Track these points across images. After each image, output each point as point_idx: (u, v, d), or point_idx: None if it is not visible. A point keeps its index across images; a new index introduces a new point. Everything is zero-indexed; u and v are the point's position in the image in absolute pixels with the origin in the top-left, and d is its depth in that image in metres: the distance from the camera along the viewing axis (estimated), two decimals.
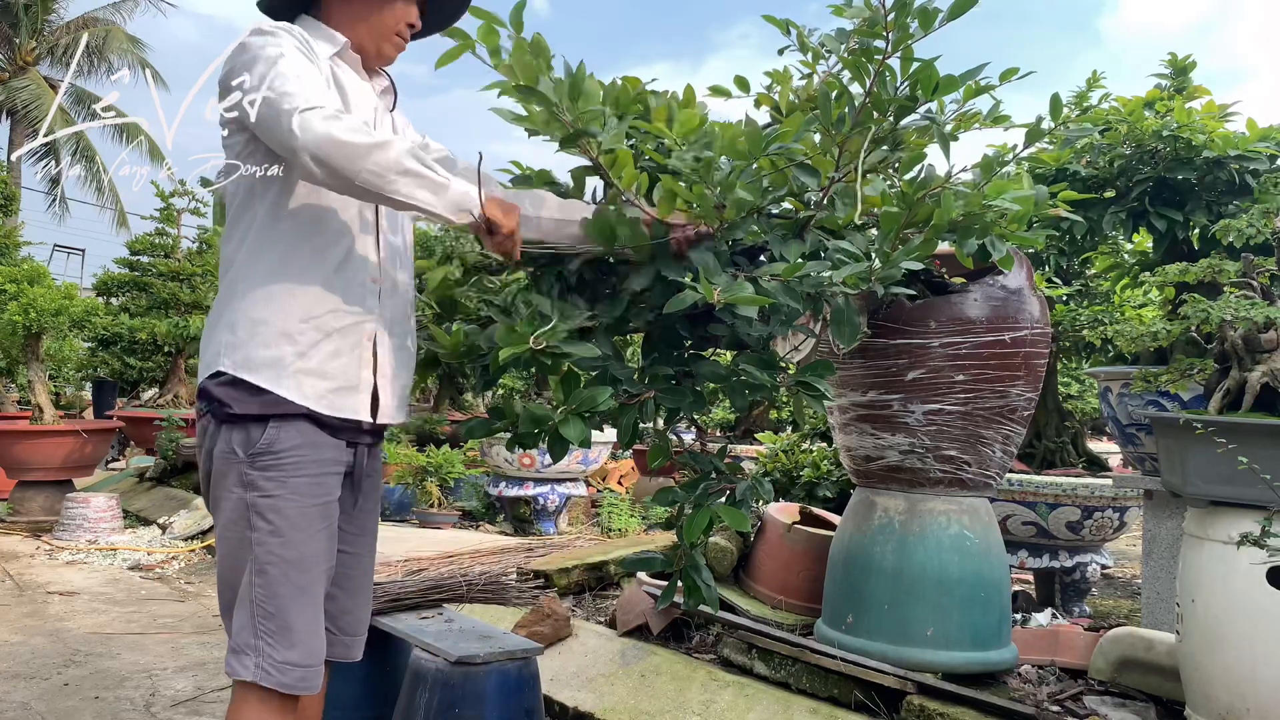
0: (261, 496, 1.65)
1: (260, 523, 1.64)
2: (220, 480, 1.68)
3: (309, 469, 1.68)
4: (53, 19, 20.74)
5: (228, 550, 1.69)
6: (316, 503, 1.69)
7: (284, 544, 1.65)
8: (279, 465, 1.65)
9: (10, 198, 9.95)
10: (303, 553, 1.67)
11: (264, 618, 1.64)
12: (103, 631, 4.17)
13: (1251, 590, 2.07)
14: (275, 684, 1.63)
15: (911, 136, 2.03)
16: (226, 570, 1.71)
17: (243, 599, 1.66)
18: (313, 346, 1.67)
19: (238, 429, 1.66)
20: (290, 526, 1.65)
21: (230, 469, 1.66)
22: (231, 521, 1.67)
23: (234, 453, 1.66)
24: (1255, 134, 3.31)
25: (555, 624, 3.18)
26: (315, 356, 1.67)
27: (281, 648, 1.64)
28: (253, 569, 1.65)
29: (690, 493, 2.00)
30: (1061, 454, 4.01)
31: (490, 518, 6.66)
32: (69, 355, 9.25)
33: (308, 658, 1.66)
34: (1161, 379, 2.53)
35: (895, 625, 2.55)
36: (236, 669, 1.65)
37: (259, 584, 1.64)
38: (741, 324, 1.83)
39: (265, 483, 1.65)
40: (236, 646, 1.66)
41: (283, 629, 1.64)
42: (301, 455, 1.67)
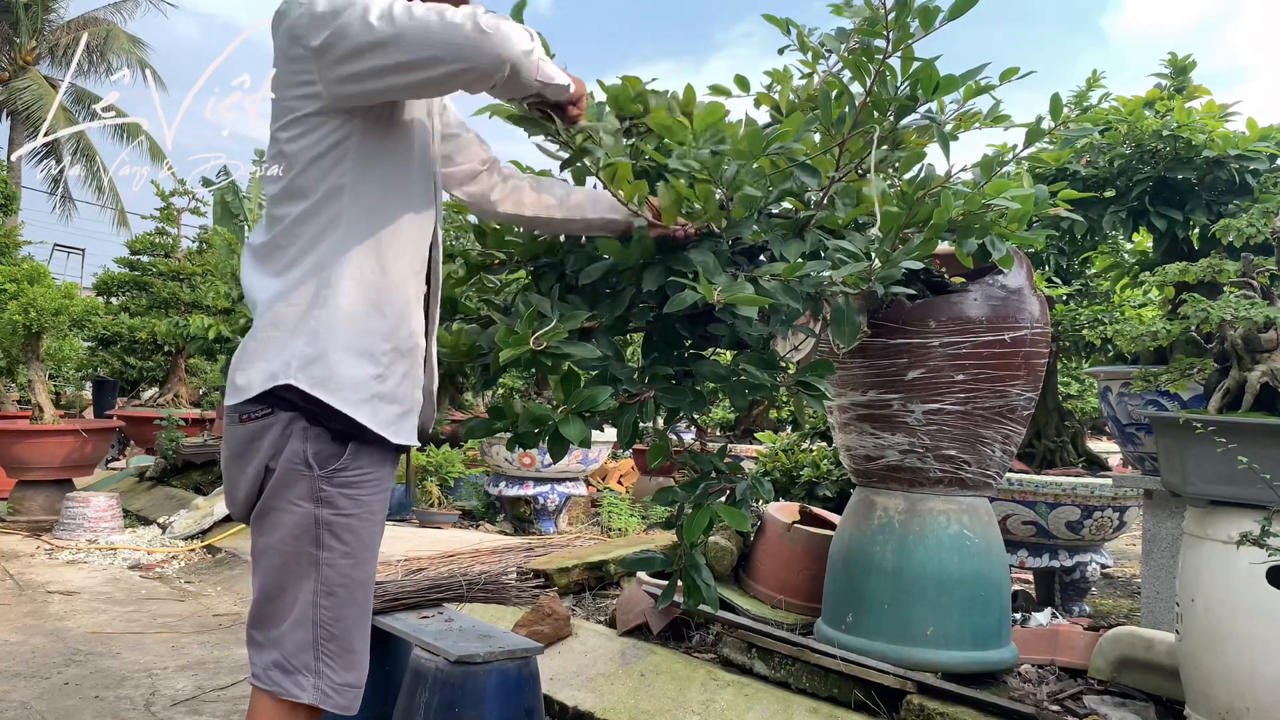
0: (338, 515, 1.57)
1: (334, 542, 1.58)
2: (284, 489, 1.57)
3: (380, 489, 1.63)
4: (53, 19, 20.75)
5: (282, 564, 1.59)
6: (380, 521, 1.65)
7: (354, 565, 1.60)
8: (358, 484, 1.59)
9: (10, 197, 9.94)
10: (368, 574, 1.64)
11: (328, 639, 1.59)
12: (103, 631, 4.17)
13: (1251, 590, 2.07)
14: (334, 706, 1.60)
15: (911, 136, 2.03)
16: (273, 584, 1.60)
17: (302, 619, 1.58)
18: (390, 368, 1.60)
19: (313, 439, 1.56)
20: (362, 547, 1.61)
21: (299, 480, 1.56)
22: (293, 536, 1.57)
23: (308, 465, 1.56)
24: (1255, 134, 3.31)
25: (555, 623, 3.19)
26: (391, 379, 1.60)
27: (342, 670, 1.60)
28: (319, 589, 1.58)
29: (690, 492, 2.00)
30: (1061, 454, 4.01)
31: (490, 517, 6.66)
32: (69, 355, 9.24)
33: (361, 679, 1.64)
34: (1161, 379, 2.53)
35: (895, 625, 2.55)
36: (290, 690, 1.58)
37: (325, 605, 1.58)
38: (741, 324, 1.83)
39: (343, 501, 1.57)
40: (290, 666, 1.58)
41: (345, 651, 1.61)
42: (377, 475, 1.62)
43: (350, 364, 1.55)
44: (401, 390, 1.63)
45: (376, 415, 1.58)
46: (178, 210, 10.53)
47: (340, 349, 1.55)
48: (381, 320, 1.59)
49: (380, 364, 1.58)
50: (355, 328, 1.56)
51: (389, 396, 1.60)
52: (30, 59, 20.09)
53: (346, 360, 1.55)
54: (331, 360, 1.54)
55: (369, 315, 1.57)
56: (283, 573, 1.59)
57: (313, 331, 1.55)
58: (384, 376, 1.58)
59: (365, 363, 1.56)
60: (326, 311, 1.55)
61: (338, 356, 1.54)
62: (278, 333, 1.57)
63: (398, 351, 1.61)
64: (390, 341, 1.59)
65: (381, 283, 1.59)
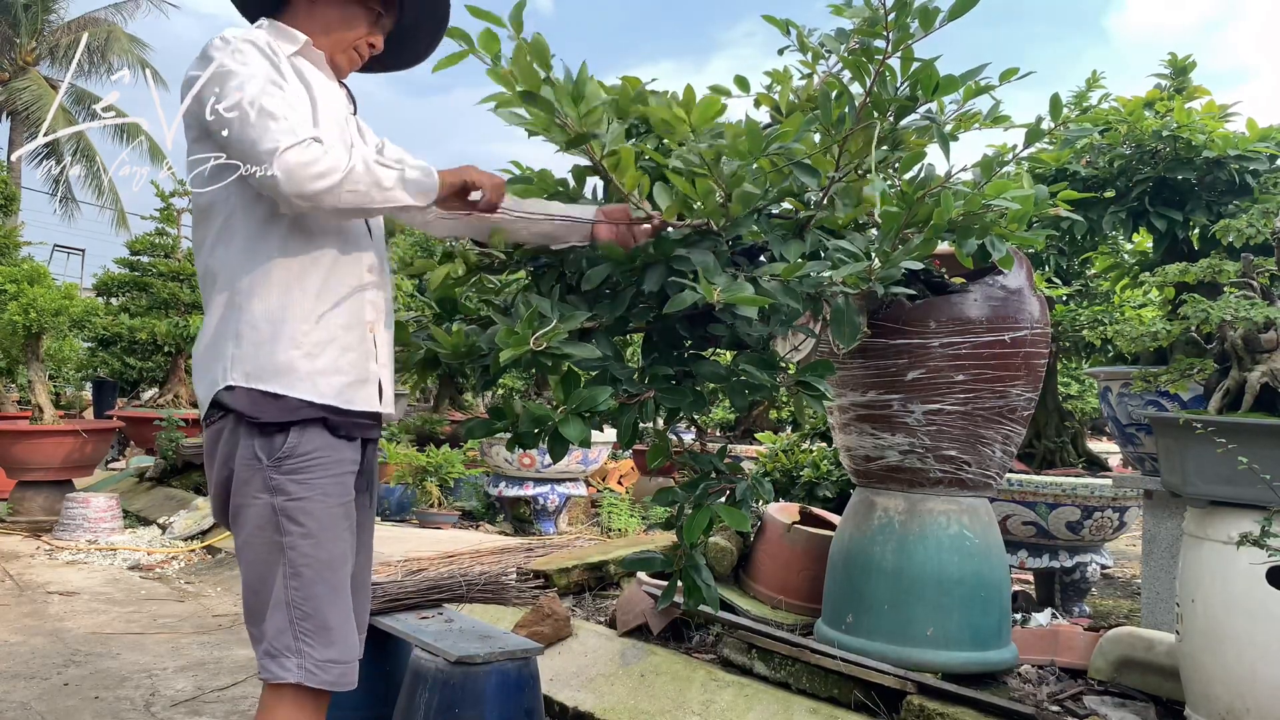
0: (290, 500, 1.66)
1: (291, 526, 1.66)
2: (243, 487, 1.68)
3: (332, 469, 1.70)
4: (53, 19, 20.75)
5: (255, 557, 1.69)
6: (340, 502, 1.71)
7: (316, 545, 1.67)
8: (305, 468, 1.67)
9: (10, 198, 9.94)
10: (333, 552, 1.69)
11: (302, 619, 1.66)
12: (103, 631, 4.17)
13: (1251, 590, 2.07)
14: (320, 683, 1.65)
15: (911, 136, 2.03)
16: (254, 577, 1.70)
17: (278, 603, 1.66)
18: (321, 347, 1.69)
19: (260, 435, 1.66)
20: (320, 527, 1.67)
21: (254, 475, 1.67)
22: (258, 528, 1.67)
23: (257, 459, 1.66)
24: (1255, 134, 3.31)
25: (555, 624, 3.18)
26: (325, 356, 1.69)
27: (321, 647, 1.66)
28: (286, 572, 1.66)
29: (690, 493, 2.00)
30: (1061, 454, 4.01)
31: (490, 518, 6.65)
32: (69, 355, 9.25)
33: (346, 654, 1.69)
34: (1161, 379, 2.53)
35: (895, 625, 2.55)
36: (277, 673, 1.65)
37: (294, 586, 1.66)
38: (741, 324, 1.83)
39: (293, 486, 1.66)
40: (274, 650, 1.66)
41: (321, 628, 1.66)
42: (324, 456, 1.69)
43: (277, 353, 1.66)
44: (344, 362, 1.72)
45: (318, 388, 1.68)
46: (178, 210, 10.52)
47: (263, 342, 1.66)
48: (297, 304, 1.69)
49: (304, 345, 1.68)
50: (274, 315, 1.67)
51: (329, 370, 1.69)
52: (30, 59, 20.10)
53: (274, 351, 1.66)
54: (260, 355, 1.66)
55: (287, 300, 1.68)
56: (259, 564, 1.68)
57: (236, 333, 1.68)
58: (314, 355, 1.68)
59: (290, 347, 1.67)
60: (244, 312, 1.67)
61: (264, 350, 1.66)
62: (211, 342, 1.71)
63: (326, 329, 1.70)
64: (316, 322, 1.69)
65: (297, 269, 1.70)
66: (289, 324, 1.68)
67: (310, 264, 1.71)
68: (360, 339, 1.75)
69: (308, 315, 1.69)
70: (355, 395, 1.73)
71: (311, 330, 1.69)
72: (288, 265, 1.70)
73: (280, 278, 1.69)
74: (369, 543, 1.95)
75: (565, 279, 1.96)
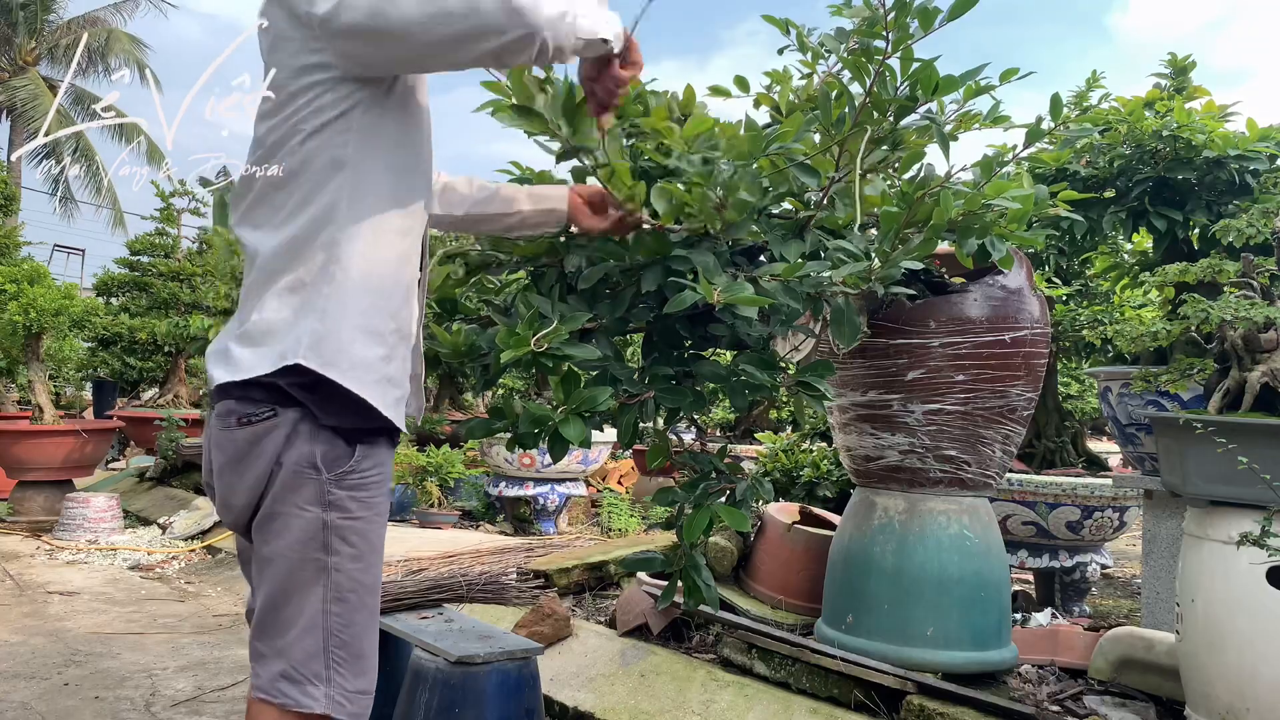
0: (346, 519, 1.53)
1: (343, 547, 1.53)
2: (289, 494, 1.52)
3: (384, 487, 1.60)
4: (52, 19, 20.75)
5: (289, 571, 1.53)
6: (385, 524, 1.62)
7: (364, 569, 1.56)
8: (366, 485, 1.55)
9: (10, 198, 9.95)
10: (376, 577, 1.60)
11: (339, 646, 1.54)
12: (103, 631, 4.17)
13: (1251, 590, 2.07)
14: (347, 715, 1.55)
15: (911, 136, 2.03)
16: (280, 593, 1.54)
17: (312, 626, 1.53)
18: (394, 350, 1.57)
19: (321, 441, 1.51)
20: (370, 550, 1.57)
21: (305, 485, 1.51)
22: (301, 542, 1.52)
23: (315, 469, 1.51)
24: (1255, 134, 3.31)
25: (555, 624, 3.19)
26: (395, 361, 1.57)
27: (353, 676, 1.56)
28: (328, 595, 1.53)
29: (690, 493, 2.00)
30: (1061, 454, 4.02)
31: (490, 518, 6.65)
32: (69, 355, 9.26)
33: (372, 684, 1.61)
34: (1161, 379, 2.53)
35: (895, 625, 2.55)
36: (300, 700, 1.52)
37: (336, 611, 1.54)
38: (741, 324, 1.83)
39: (352, 504, 1.53)
40: (299, 676, 1.53)
41: (356, 657, 1.56)
42: (382, 474, 1.59)
43: (361, 343, 1.51)
44: (400, 374, 1.60)
45: (385, 397, 1.54)
46: (177, 211, 10.53)
47: (351, 328, 1.50)
48: (388, 301, 1.55)
49: (387, 344, 1.54)
50: (364, 305, 1.51)
51: (394, 380, 1.57)
52: (30, 59, 20.09)
53: (358, 339, 1.50)
54: (343, 338, 1.49)
55: (377, 294, 1.53)
56: (289, 580, 1.54)
57: (323, 310, 1.49)
58: (389, 358, 1.55)
59: (374, 343, 1.52)
60: (336, 288, 1.49)
61: (349, 335, 1.50)
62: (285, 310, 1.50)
63: (400, 334, 1.58)
64: (395, 322, 1.56)
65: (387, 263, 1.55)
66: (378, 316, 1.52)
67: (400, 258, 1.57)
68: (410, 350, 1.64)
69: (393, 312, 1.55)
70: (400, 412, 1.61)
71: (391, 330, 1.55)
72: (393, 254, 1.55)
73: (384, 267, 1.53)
74: None
75: (565, 279, 1.96)
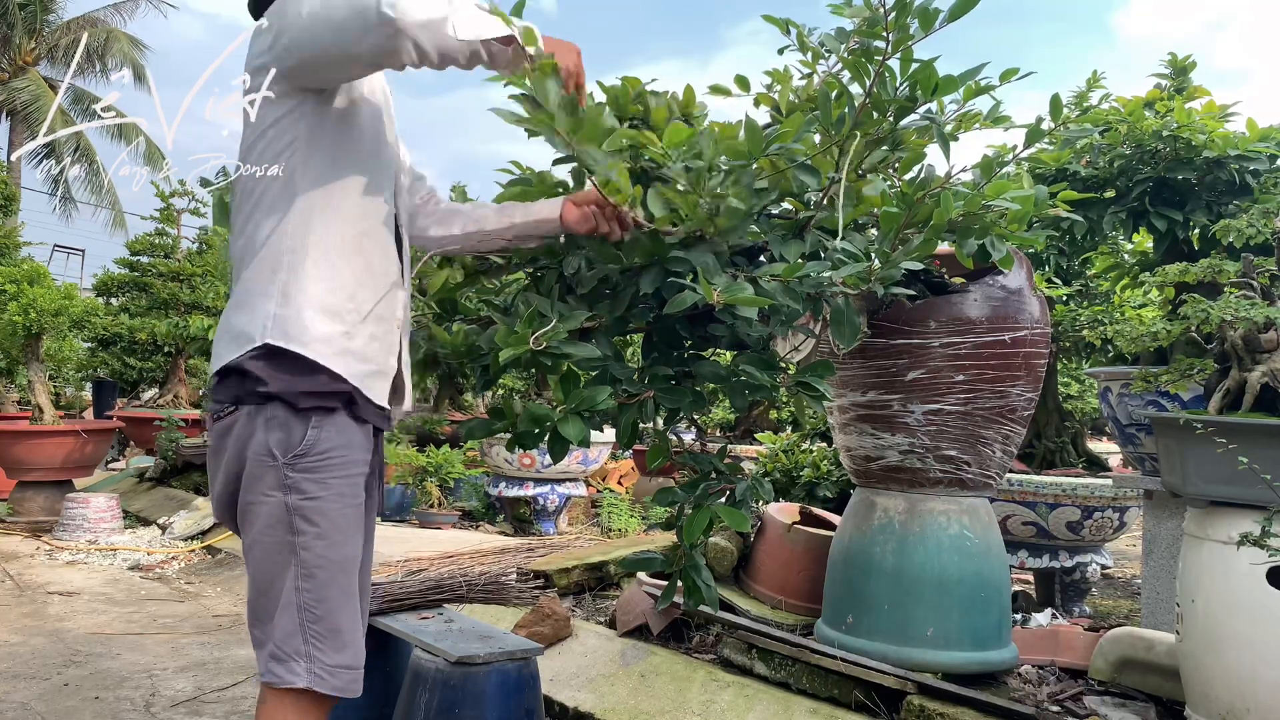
0: (305, 499, 1.61)
1: (305, 526, 1.61)
2: (254, 484, 1.63)
3: (348, 468, 1.66)
4: (52, 19, 20.75)
5: (264, 555, 1.64)
6: (354, 502, 1.67)
7: (330, 546, 1.63)
8: (321, 467, 1.62)
9: (10, 198, 9.95)
10: (346, 554, 1.66)
11: (313, 622, 1.61)
12: (103, 632, 4.17)
13: (1251, 590, 2.07)
14: (329, 688, 1.61)
15: (911, 137, 2.03)
16: (262, 578, 1.65)
17: (287, 604, 1.62)
18: (357, 327, 1.66)
19: (275, 429, 1.61)
20: (334, 528, 1.63)
21: (266, 472, 1.62)
22: (269, 526, 1.62)
23: (271, 455, 1.61)
24: (1255, 134, 3.31)
25: (555, 624, 3.18)
26: (359, 338, 1.67)
27: (332, 651, 1.62)
28: (298, 573, 1.61)
29: (690, 493, 2.00)
30: (1061, 454, 4.01)
31: (490, 518, 6.65)
32: (69, 355, 9.25)
33: (356, 659, 1.66)
34: (1161, 379, 2.53)
35: (895, 625, 2.55)
36: (284, 676, 1.60)
37: (307, 588, 1.61)
38: (741, 324, 1.83)
39: (308, 485, 1.61)
40: (282, 654, 1.61)
41: (333, 632, 1.62)
42: (342, 455, 1.65)
43: (321, 321, 1.63)
44: (371, 350, 1.69)
45: (349, 368, 1.64)
46: (177, 211, 10.53)
47: (310, 307, 1.62)
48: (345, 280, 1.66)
49: (346, 322, 1.65)
50: (321, 288, 1.64)
51: (359, 354, 1.66)
52: (29, 60, 20.09)
53: (317, 318, 1.62)
54: (305, 318, 1.62)
55: (334, 277, 1.65)
56: (267, 564, 1.64)
57: (282, 293, 1.63)
58: (351, 334, 1.65)
59: (332, 320, 1.64)
60: (294, 275, 1.63)
61: (310, 314, 1.62)
62: (250, 302, 1.65)
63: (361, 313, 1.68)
64: (354, 302, 1.67)
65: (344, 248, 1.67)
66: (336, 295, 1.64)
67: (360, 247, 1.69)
68: (387, 332, 1.73)
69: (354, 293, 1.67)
70: (376, 387, 1.70)
71: (352, 309, 1.66)
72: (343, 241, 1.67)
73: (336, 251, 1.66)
74: (372, 543, 1.93)
75: (565, 279, 1.96)
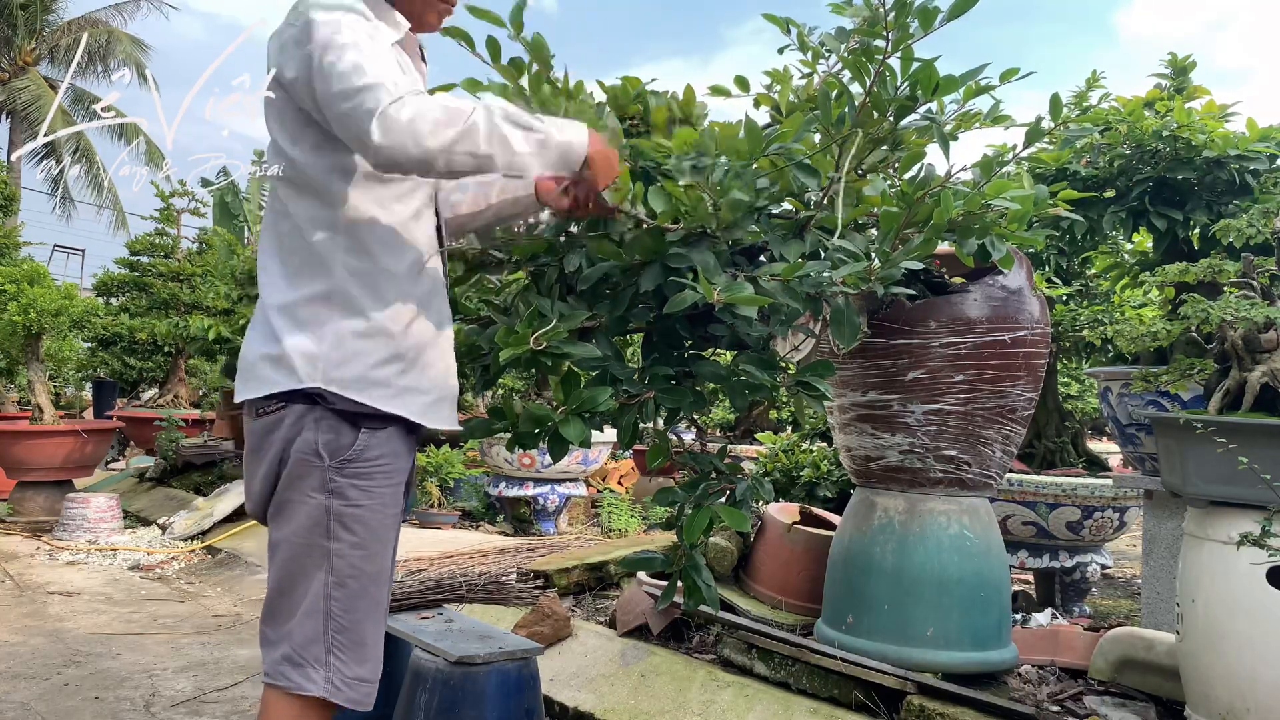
0: (348, 506, 1.58)
1: (344, 533, 1.58)
2: (296, 482, 1.59)
3: (394, 478, 1.64)
4: (52, 19, 20.75)
5: (292, 556, 1.60)
6: (394, 513, 1.66)
7: (366, 556, 1.60)
8: (368, 474, 1.60)
9: (10, 198, 9.96)
10: (381, 566, 1.64)
11: (338, 631, 1.59)
12: (103, 632, 4.17)
13: (1251, 590, 2.07)
14: (344, 700, 1.59)
15: (911, 136, 2.03)
16: (286, 578, 1.61)
17: (313, 610, 1.59)
18: (414, 363, 1.63)
19: (325, 430, 1.58)
20: (373, 538, 1.61)
21: (311, 472, 1.58)
22: (305, 528, 1.59)
23: (318, 456, 1.58)
24: (1255, 134, 3.31)
25: (555, 624, 3.18)
26: (415, 372, 1.64)
27: (353, 663, 1.60)
28: (330, 581, 1.59)
29: (690, 493, 2.00)
30: (1061, 454, 4.01)
31: (490, 518, 6.65)
32: (69, 355, 9.24)
33: (374, 673, 1.64)
34: (1161, 379, 2.53)
35: (895, 625, 2.55)
36: (300, 682, 1.58)
37: (337, 597, 1.59)
38: (741, 324, 1.83)
39: (353, 491, 1.59)
40: (300, 659, 1.59)
41: (357, 643, 1.60)
42: (389, 464, 1.63)
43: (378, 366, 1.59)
44: (427, 379, 1.66)
45: (407, 407, 1.62)
46: (177, 211, 10.53)
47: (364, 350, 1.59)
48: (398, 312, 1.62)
49: (404, 360, 1.62)
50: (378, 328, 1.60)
51: (418, 388, 1.64)
52: (30, 60, 20.09)
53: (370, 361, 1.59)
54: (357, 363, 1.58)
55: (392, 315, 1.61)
56: (295, 565, 1.60)
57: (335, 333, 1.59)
58: (407, 371, 1.62)
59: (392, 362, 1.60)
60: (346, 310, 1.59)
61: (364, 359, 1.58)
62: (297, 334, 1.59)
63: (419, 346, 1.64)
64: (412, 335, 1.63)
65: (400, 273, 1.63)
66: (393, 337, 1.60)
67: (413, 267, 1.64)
68: (444, 354, 1.70)
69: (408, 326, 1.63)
70: (437, 414, 1.67)
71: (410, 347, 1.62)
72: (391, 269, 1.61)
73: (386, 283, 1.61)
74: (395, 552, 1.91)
75: (565, 279, 1.96)
